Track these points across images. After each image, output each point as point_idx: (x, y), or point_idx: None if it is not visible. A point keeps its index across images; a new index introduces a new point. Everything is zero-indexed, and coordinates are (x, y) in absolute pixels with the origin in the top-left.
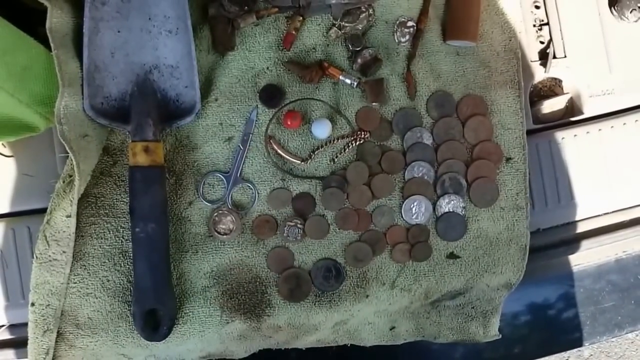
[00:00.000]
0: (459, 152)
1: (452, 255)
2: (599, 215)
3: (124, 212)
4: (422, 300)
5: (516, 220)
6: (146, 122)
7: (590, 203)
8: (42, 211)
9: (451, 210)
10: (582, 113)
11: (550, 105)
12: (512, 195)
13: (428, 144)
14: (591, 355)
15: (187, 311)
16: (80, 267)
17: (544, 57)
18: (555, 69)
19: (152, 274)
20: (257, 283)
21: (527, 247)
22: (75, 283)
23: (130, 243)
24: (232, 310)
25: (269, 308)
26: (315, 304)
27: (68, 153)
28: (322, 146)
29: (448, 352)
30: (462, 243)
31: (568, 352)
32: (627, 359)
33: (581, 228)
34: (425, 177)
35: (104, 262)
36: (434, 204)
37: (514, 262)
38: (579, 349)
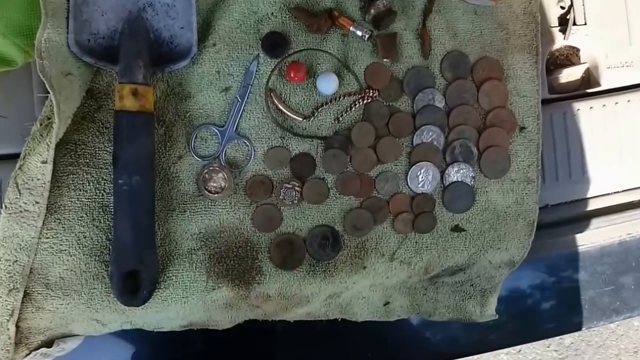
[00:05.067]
0: (471, 118)
1: (457, 228)
2: (609, 194)
3: (106, 163)
4: (421, 274)
5: (526, 193)
6: (136, 64)
7: (602, 180)
8: (15, 157)
9: (460, 179)
10: (598, 85)
11: (567, 75)
12: (524, 167)
13: (440, 107)
14: (572, 343)
15: (170, 275)
16: (54, 221)
17: (563, 23)
18: (574, 37)
19: (134, 232)
20: (248, 248)
21: (535, 223)
22: (47, 238)
23: (112, 197)
24: (219, 276)
25: (259, 275)
26: (308, 274)
27: (47, 93)
28: (326, 103)
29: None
30: (468, 215)
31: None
32: (607, 347)
33: (591, 206)
34: (435, 143)
35: (81, 217)
36: (442, 172)
37: (520, 238)
38: (560, 336)
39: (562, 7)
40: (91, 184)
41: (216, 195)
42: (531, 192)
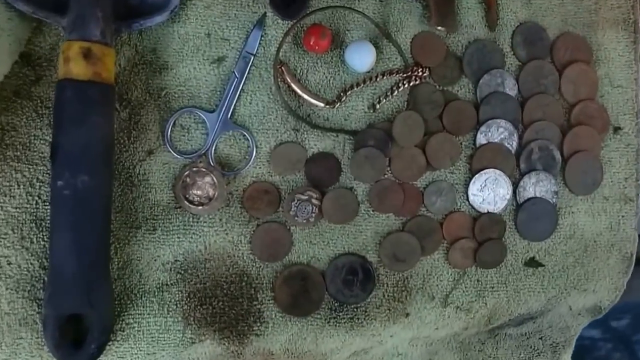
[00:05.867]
0: (552, 112)
1: (532, 262)
2: None
3: (44, 157)
4: (482, 325)
5: (622, 216)
6: (91, 14)
7: None
8: None
9: (538, 194)
10: None
11: None
12: (619, 181)
13: (511, 96)
14: None
15: (131, 321)
16: None
17: None
18: None
19: (79, 257)
20: (244, 284)
21: (633, 257)
22: None
23: (49, 206)
24: (201, 324)
25: (258, 324)
26: (328, 322)
27: None
28: (358, 84)
29: None
30: (548, 245)
31: None
32: None
33: None
34: (506, 144)
35: (6, 234)
36: (515, 184)
37: (612, 277)
38: None
39: None
40: (21, 186)
41: (201, 208)
42: (629, 215)
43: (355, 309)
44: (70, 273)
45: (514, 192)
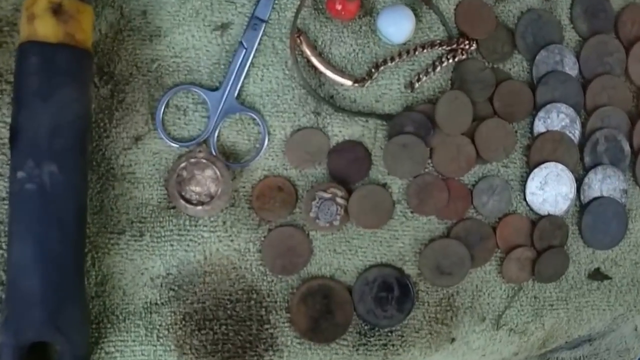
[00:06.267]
0: (619, 96)
1: (597, 275)
2: None
3: (1, 143)
4: (535, 349)
5: None
6: None
7: None
8: None
9: (605, 193)
10: None
11: None
12: None
13: (572, 76)
14: None
15: (112, 350)
16: None
17: None
18: None
19: (45, 270)
20: (253, 303)
21: None
22: None
23: (7, 204)
24: (200, 354)
25: (270, 352)
26: (357, 350)
27: None
28: (392, 58)
29: None
30: (615, 254)
31: None
32: None
33: None
34: (568, 132)
35: None
36: (580, 181)
37: None
38: None
39: None
40: None
41: (200, 208)
42: None
43: (389, 334)
44: (33, 290)
45: (578, 190)
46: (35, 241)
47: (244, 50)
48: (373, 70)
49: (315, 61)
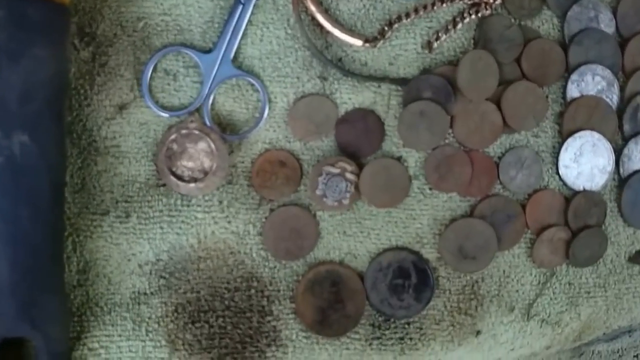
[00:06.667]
0: None
1: (639, 257)
2: None
3: None
4: (569, 342)
5: None
6: None
7: None
8: None
9: None
10: None
11: None
12: None
13: (608, 34)
14: None
15: (96, 346)
16: None
17: None
18: None
19: (16, 257)
20: (253, 292)
21: None
22: None
23: None
24: (194, 349)
25: (273, 347)
26: (370, 344)
27: None
28: (408, 14)
29: None
30: None
31: None
32: None
33: None
34: (605, 97)
35: None
36: (618, 152)
37: None
38: None
39: None
40: None
41: (193, 185)
42: None
43: (406, 326)
44: (2, 278)
45: (617, 162)
46: (3, 220)
47: (241, 7)
48: (386, 28)
49: (321, 19)
